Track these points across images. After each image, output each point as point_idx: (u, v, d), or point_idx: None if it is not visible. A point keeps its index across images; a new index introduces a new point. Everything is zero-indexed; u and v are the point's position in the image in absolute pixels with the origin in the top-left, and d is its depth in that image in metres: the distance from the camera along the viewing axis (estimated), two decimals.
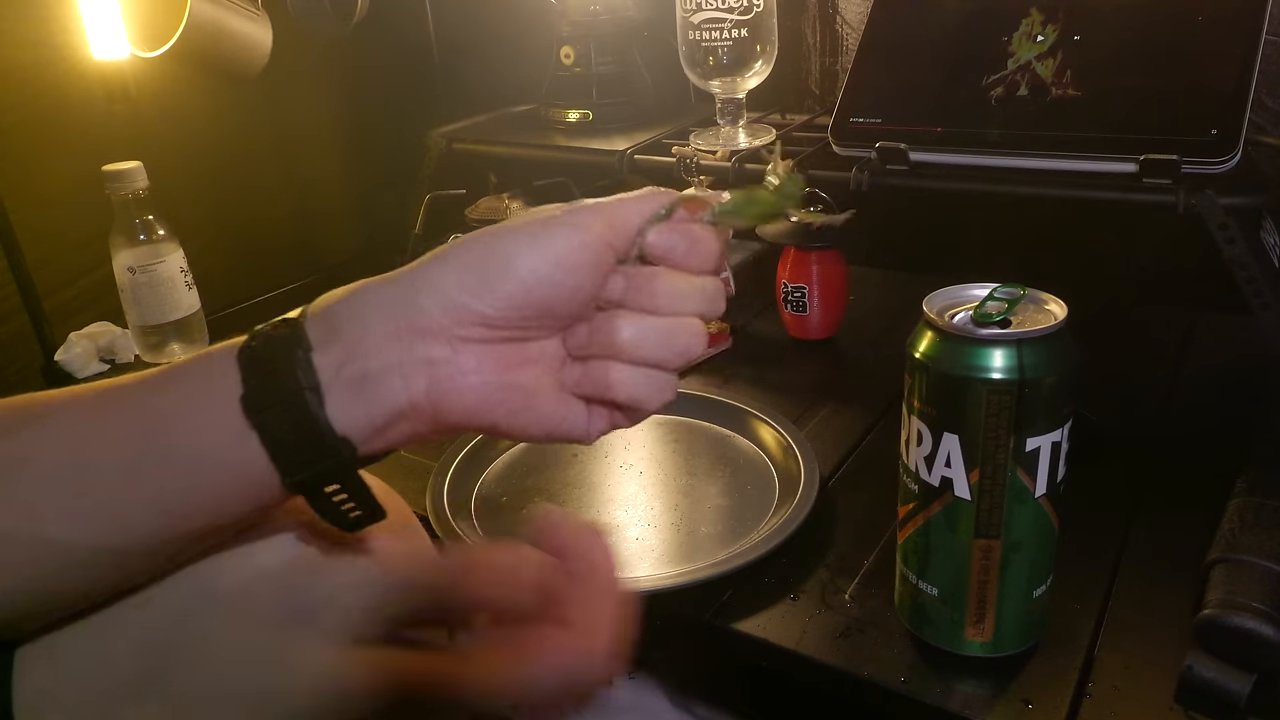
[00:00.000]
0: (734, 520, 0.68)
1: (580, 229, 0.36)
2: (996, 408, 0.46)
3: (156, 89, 0.99)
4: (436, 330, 0.36)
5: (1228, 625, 0.48)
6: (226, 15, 0.92)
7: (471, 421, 0.37)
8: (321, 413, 0.35)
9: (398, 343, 0.36)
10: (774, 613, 0.59)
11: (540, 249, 0.36)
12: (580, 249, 0.36)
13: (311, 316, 0.36)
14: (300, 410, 0.35)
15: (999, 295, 0.49)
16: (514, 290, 0.36)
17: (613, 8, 1.03)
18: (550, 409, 0.38)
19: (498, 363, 0.37)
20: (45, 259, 0.95)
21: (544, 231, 0.36)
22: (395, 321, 0.36)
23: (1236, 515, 0.55)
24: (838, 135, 0.74)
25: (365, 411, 0.36)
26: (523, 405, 0.37)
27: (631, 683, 0.88)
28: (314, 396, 0.35)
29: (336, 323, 0.36)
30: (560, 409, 0.39)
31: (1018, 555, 0.50)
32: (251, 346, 0.36)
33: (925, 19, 0.77)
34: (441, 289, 0.36)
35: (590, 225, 0.36)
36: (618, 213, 0.37)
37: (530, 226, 0.37)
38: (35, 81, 0.92)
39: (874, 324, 0.99)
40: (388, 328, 0.36)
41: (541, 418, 0.38)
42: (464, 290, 0.36)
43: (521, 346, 0.38)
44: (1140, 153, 0.61)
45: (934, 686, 0.52)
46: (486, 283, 0.36)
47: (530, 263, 0.36)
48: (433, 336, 0.36)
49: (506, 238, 0.36)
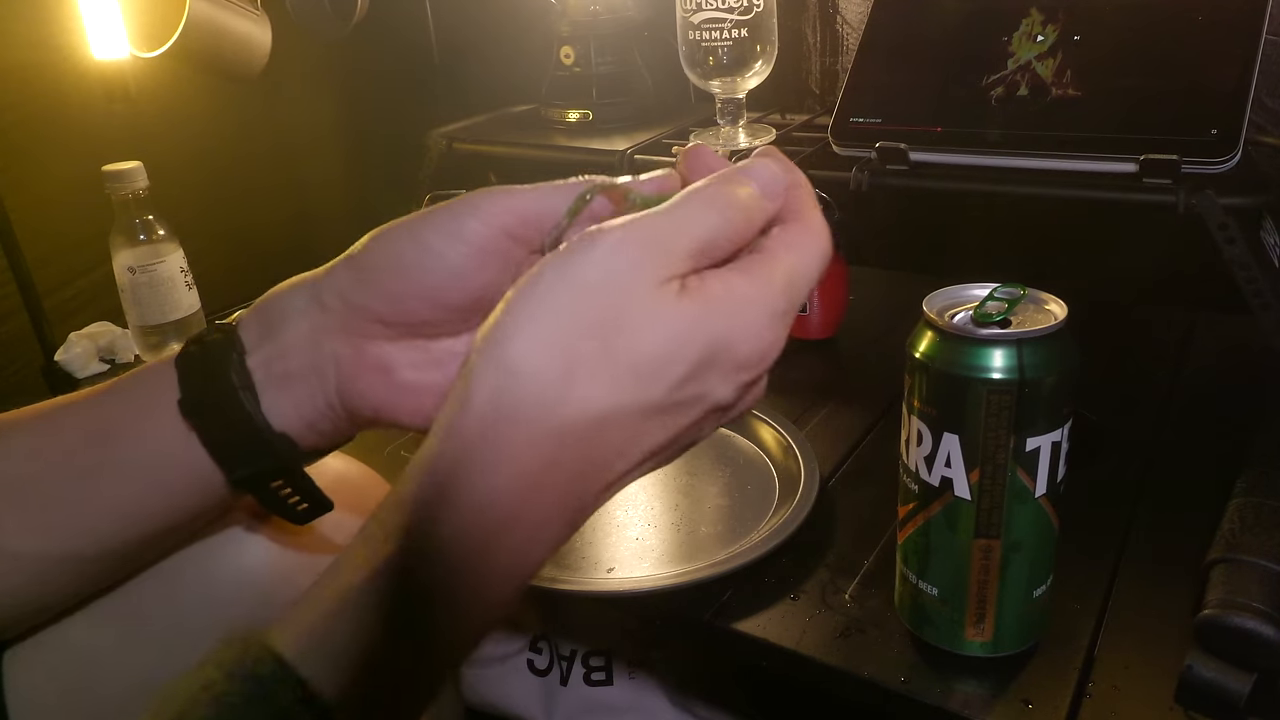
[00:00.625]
0: (734, 520, 0.68)
1: (477, 220, 0.35)
2: (996, 408, 0.46)
3: (156, 89, 0.99)
4: (339, 329, 0.36)
5: (1228, 625, 0.48)
6: (226, 15, 0.92)
7: (381, 419, 0.38)
8: (258, 412, 0.36)
9: (311, 343, 0.36)
10: (774, 613, 0.59)
11: (426, 244, 0.35)
12: (471, 243, 0.35)
13: (245, 320, 0.37)
14: (236, 410, 0.36)
15: (999, 295, 0.49)
16: (403, 287, 0.35)
17: (613, 8, 1.03)
18: None
19: (403, 362, 0.37)
20: (45, 259, 0.95)
21: (432, 226, 0.35)
22: (309, 320, 0.36)
23: (1236, 515, 0.55)
24: (838, 135, 0.74)
25: (295, 408, 0.37)
26: (433, 405, 0.36)
27: (631, 683, 0.88)
28: (249, 395, 0.36)
29: (266, 323, 0.37)
30: None
31: (1018, 555, 0.50)
32: (189, 352, 0.37)
33: (925, 19, 0.77)
34: (340, 288, 0.36)
35: (489, 218, 0.35)
36: (525, 204, 0.35)
37: (425, 220, 0.35)
38: (35, 81, 0.92)
39: (874, 324, 0.99)
40: (302, 327, 0.36)
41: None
42: (357, 288, 0.36)
43: (428, 345, 0.37)
44: (1140, 153, 0.61)
45: (934, 686, 0.52)
46: (377, 280, 0.36)
47: (417, 258, 0.35)
48: (338, 335, 0.36)
49: (401, 233, 0.36)
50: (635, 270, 0.29)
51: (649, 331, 0.29)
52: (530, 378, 0.29)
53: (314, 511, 0.40)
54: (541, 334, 0.29)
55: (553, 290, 0.29)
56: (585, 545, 0.66)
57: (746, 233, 0.32)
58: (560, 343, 0.29)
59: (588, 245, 0.30)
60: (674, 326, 0.29)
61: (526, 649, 0.91)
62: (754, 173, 0.33)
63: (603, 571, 0.63)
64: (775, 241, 0.32)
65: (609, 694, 0.88)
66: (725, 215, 0.31)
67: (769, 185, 0.32)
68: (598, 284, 0.29)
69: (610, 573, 0.63)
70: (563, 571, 0.63)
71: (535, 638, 0.91)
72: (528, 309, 0.29)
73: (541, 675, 0.91)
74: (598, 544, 0.66)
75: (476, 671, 0.92)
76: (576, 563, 0.64)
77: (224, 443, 0.36)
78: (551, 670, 0.90)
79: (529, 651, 0.91)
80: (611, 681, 0.88)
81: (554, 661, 0.90)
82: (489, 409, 0.29)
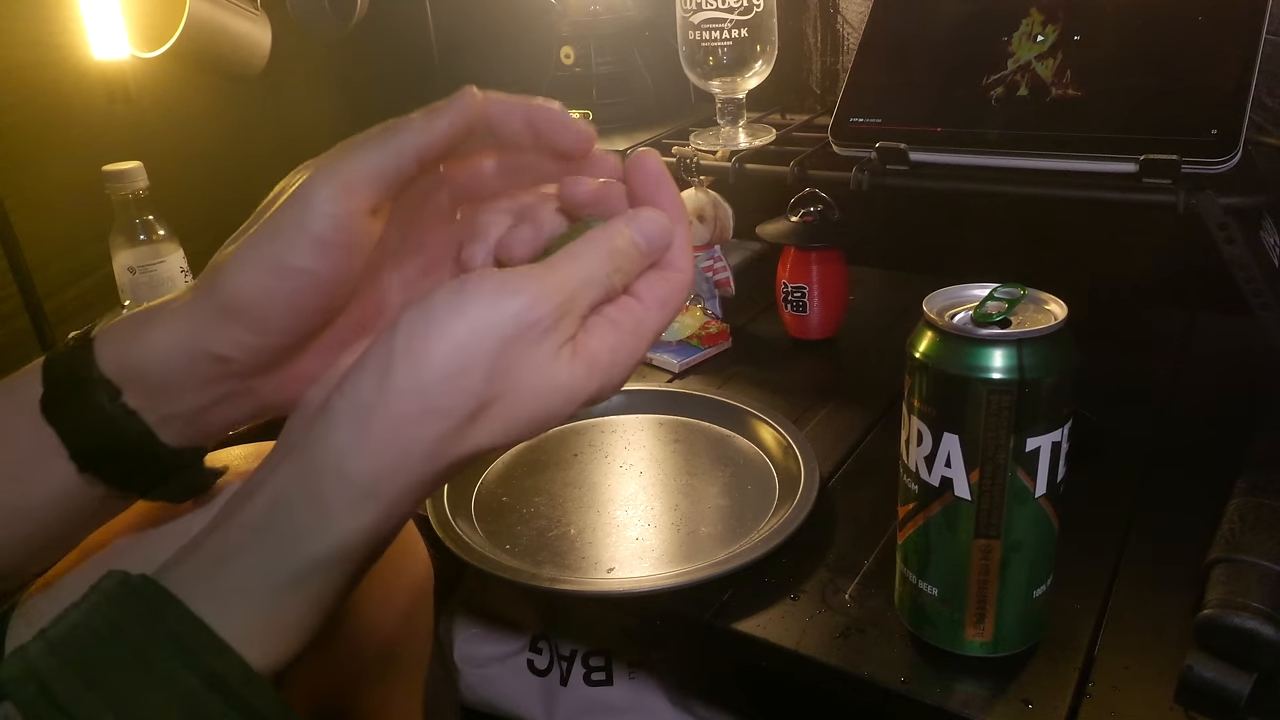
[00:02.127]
0: (734, 520, 0.68)
1: (325, 219, 0.33)
2: (996, 408, 0.46)
3: (156, 89, 0.99)
4: (254, 373, 0.36)
5: (1228, 625, 0.48)
6: (225, 15, 0.92)
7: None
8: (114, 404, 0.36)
9: (217, 396, 0.37)
10: (774, 613, 0.59)
11: (288, 267, 0.34)
12: (332, 242, 0.33)
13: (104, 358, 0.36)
14: (93, 402, 0.36)
15: (999, 295, 0.49)
16: (288, 319, 0.35)
17: (613, 8, 1.03)
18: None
19: (318, 366, 0.37)
20: (45, 260, 0.95)
21: (285, 244, 0.34)
22: (201, 378, 0.36)
23: (1236, 515, 0.55)
24: (838, 135, 0.74)
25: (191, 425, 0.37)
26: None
27: (631, 683, 0.88)
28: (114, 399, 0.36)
29: (138, 377, 0.36)
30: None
31: (1018, 555, 0.50)
32: (53, 360, 0.37)
33: (925, 19, 0.77)
34: (233, 340, 0.35)
35: (337, 211, 0.33)
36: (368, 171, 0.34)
37: (273, 239, 0.34)
38: (35, 81, 0.92)
39: (874, 324, 0.99)
40: (195, 387, 0.36)
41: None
42: (249, 334, 0.35)
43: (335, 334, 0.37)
44: (1140, 153, 0.61)
45: (934, 686, 0.52)
46: (262, 321, 0.35)
47: (287, 287, 0.34)
48: (256, 380, 0.36)
49: (258, 265, 0.34)
50: (521, 321, 0.31)
51: (538, 393, 0.32)
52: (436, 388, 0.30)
53: (188, 485, 0.40)
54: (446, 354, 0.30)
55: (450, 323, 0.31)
56: (585, 545, 0.66)
57: (623, 287, 0.34)
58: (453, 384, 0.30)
59: (474, 284, 0.31)
60: (563, 386, 0.32)
61: (526, 649, 0.91)
62: (642, 225, 0.34)
63: (603, 571, 0.63)
64: (650, 295, 0.35)
65: (609, 694, 0.88)
66: (607, 274, 0.33)
67: (653, 240, 0.34)
68: (487, 327, 0.31)
69: (610, 573, 0.63)
70: (563, 571, 0.63)
71: (535, 638, 0.91)
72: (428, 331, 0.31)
73: (541, 675, 0.91)
74: (598, 544, 0.66)
75: (476, 671, 0.92)
76: (576, 563, 0.64)
77: (77, 431, 0.36)
78: (551, 670, 0.90)
79: (529, 651, 0.91)
80: (611, 681, 0.88)
81: (554, 661, 0.90)
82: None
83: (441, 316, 0.30)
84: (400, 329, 0.30)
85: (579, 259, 0.33)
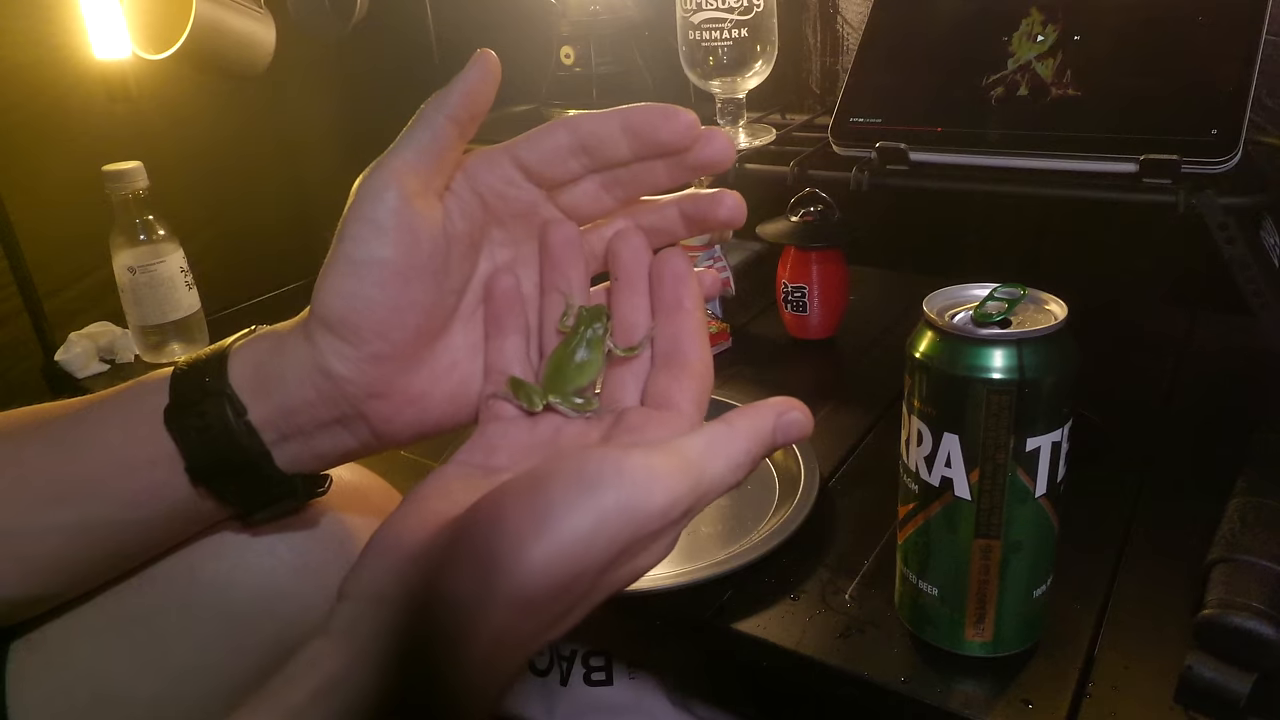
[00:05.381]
0: (734, 520, 0.68)
1: (389, 205, 0.35)
2: (996, 408, 0.46)
3: (157, 89, 0.99)
4: (362, 393, 0.36)
5: (1228, 625, 0.48)
6: (230, 14, 0.92)
7: (420, 438, 0.39)
8: (239, 420, 0.36)
9: (328, 403, 0.36)
10: (774, 613, 0.59)
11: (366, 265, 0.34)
12: (399, 229, 0.35)
13: (235, 373, 0.37)
14: (216, 412, 0.36)
15: (999, 295, 0.49)
16: (384, 316, 0.35)
17: (613, 8, 1.03)
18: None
19: (425, 380, 0.37)
20: (45, 260, 0.95)
21: (359, 244, 0.35)
22: (314, 389, 0.36)
23: (1236, 515, 0.55)
24: (838, 135, 0.74)
25: (308, 449, 0.37)
26: (442, 412, 0.38)
27: (631, 683, 0.88)
28: (236, 410, 0.36)
29: (261, 384, 0.36)
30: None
31: (1018, 555, 0.50)
32: (181, 373, 0.37)
33: (925, 19, 0.77)
34: (338, 354, 0.35)
35: (400, 192, 0.35)
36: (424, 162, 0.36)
37: (354, 245, 0.35)
38: (36, 81, 0.92)
39: (874, 324, 0.99)
40: (308, 394, 0.36)
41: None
42: (351, 353, 0.35)
43: (432, 348, 0.37)
44: (1140, 153, 0.61)
45: (934, 686, 0.52)
46: (362, 334, 0.35)
47: (380, 292, 0.34)
48: (362, 399, 0.36)
49: (351, 278, 0.35)
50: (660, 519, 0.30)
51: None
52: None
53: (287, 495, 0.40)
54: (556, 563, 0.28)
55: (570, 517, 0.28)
56: None
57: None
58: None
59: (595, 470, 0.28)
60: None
61: None
62: (787, 428, 0.33)
63: None
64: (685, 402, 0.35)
65: (609, 694, 0.88)
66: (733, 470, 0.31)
67: (793, 440, 0.33)
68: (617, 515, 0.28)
69: None
70: None
71: None
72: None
73: (541, 675, 0.90)
74: None
75: None
76: None
77: (198, 444, 0.36)
78: (551, 670, 0.90)
79: None
80: (611, 681, 0.88)
81: (554, 661, 0.90)
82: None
83: (560, 513, 0.27)
84: (508, 522, 0.27)
85: (725, 450, 0.31)
